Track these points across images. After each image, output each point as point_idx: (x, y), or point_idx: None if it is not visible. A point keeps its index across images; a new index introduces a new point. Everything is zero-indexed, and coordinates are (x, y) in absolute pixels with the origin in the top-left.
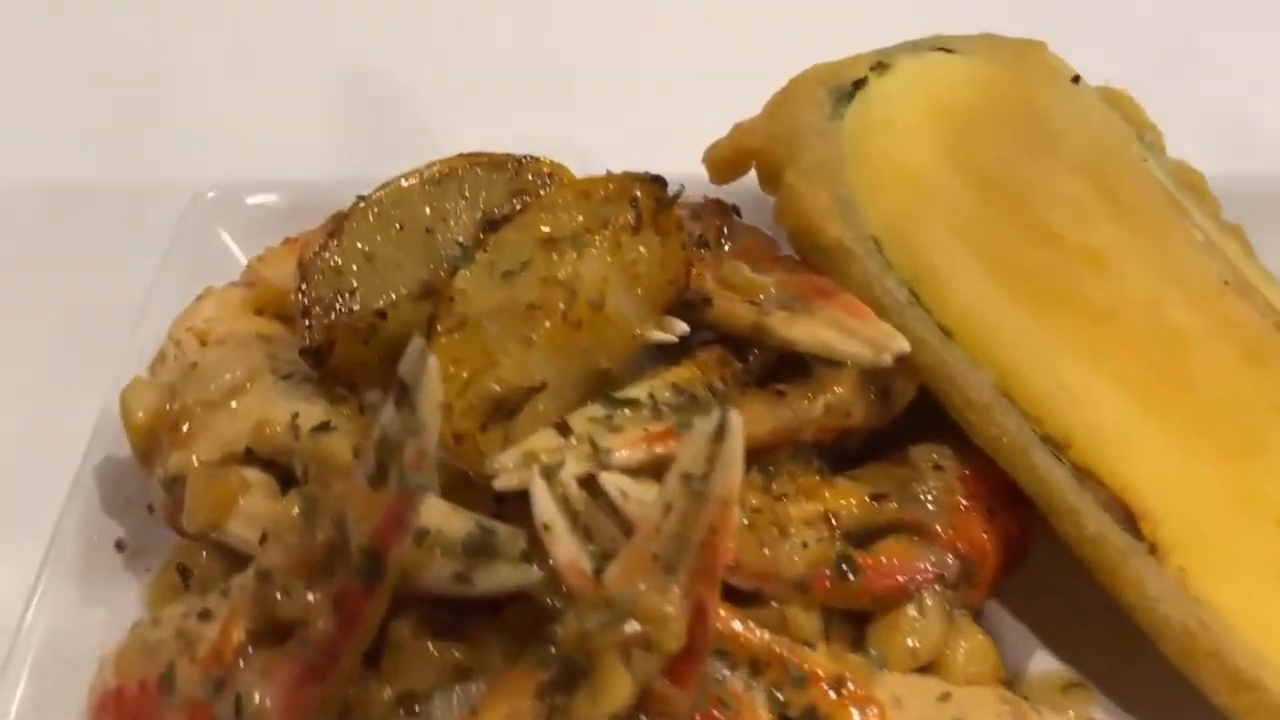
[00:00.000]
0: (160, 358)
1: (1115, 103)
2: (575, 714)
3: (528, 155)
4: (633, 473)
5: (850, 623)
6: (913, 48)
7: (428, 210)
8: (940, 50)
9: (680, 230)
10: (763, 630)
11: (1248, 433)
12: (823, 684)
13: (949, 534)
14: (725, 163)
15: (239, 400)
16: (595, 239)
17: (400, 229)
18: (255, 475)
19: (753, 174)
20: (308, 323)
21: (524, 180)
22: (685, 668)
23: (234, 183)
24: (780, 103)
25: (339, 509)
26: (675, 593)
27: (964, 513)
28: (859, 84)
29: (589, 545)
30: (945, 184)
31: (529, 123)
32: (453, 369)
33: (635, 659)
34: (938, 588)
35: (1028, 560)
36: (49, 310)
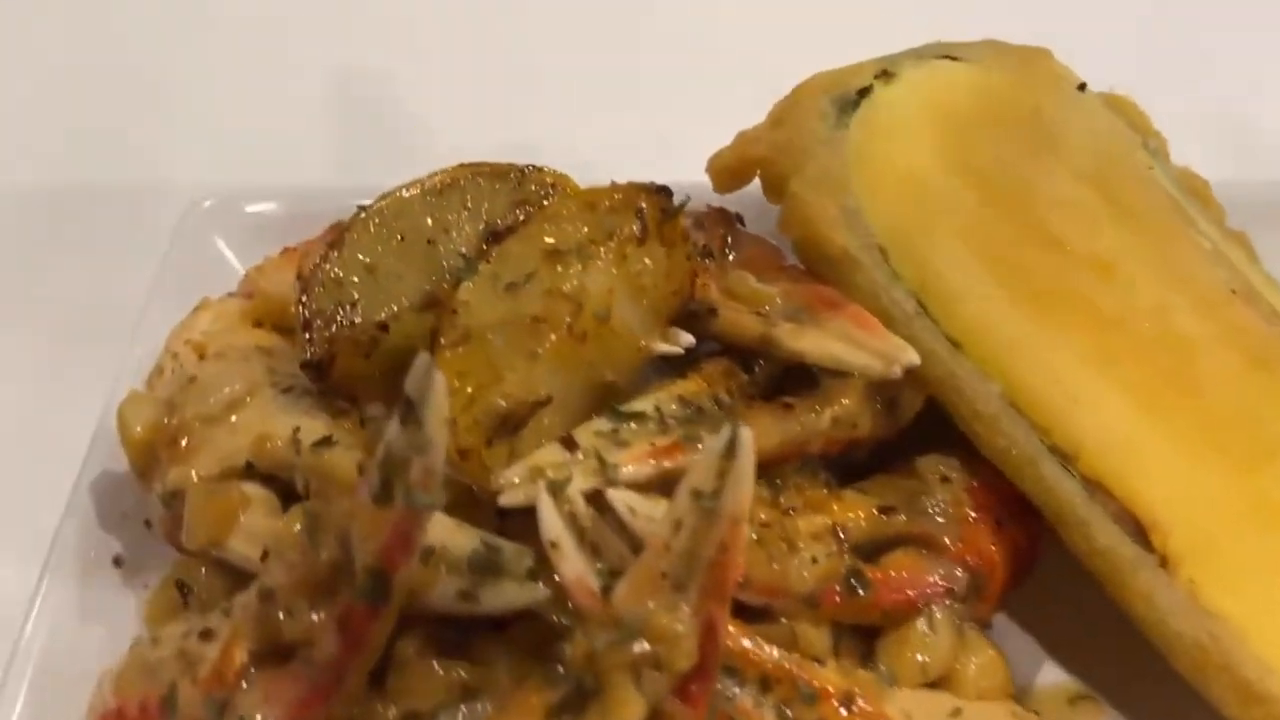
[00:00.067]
0: (157, 370)
1: (1119, 109)
2: None
3: (530, 165)
4: (640, 488)
5: (859, 637)
6: (917, 55)
7: (429, 221)
8: (945, 58)
9: (686, 241)
10: (772, 646)
11: (1256, 441)
12: (833, 700)
13: (958, 546)
14: (729, 171)
15: (239, 414)
16: (601, 250)
17: (402, 240)
18: (256, 491)
19: (754, 182)
20: (308, 336)
21: (527, 190)
22: (696, 687)
23: (230, 191)
24: (784, 111)
25: (343, 527)
26: (685, 611)
27: (972, 525)
28: (864, 92)
29: (596, 563)
30: (951, 193)
31: (529, 130)
32: (457, 383)
33: (645, 679)
34: (947, 601)
35: (1034, 571)
36: (43, 315)
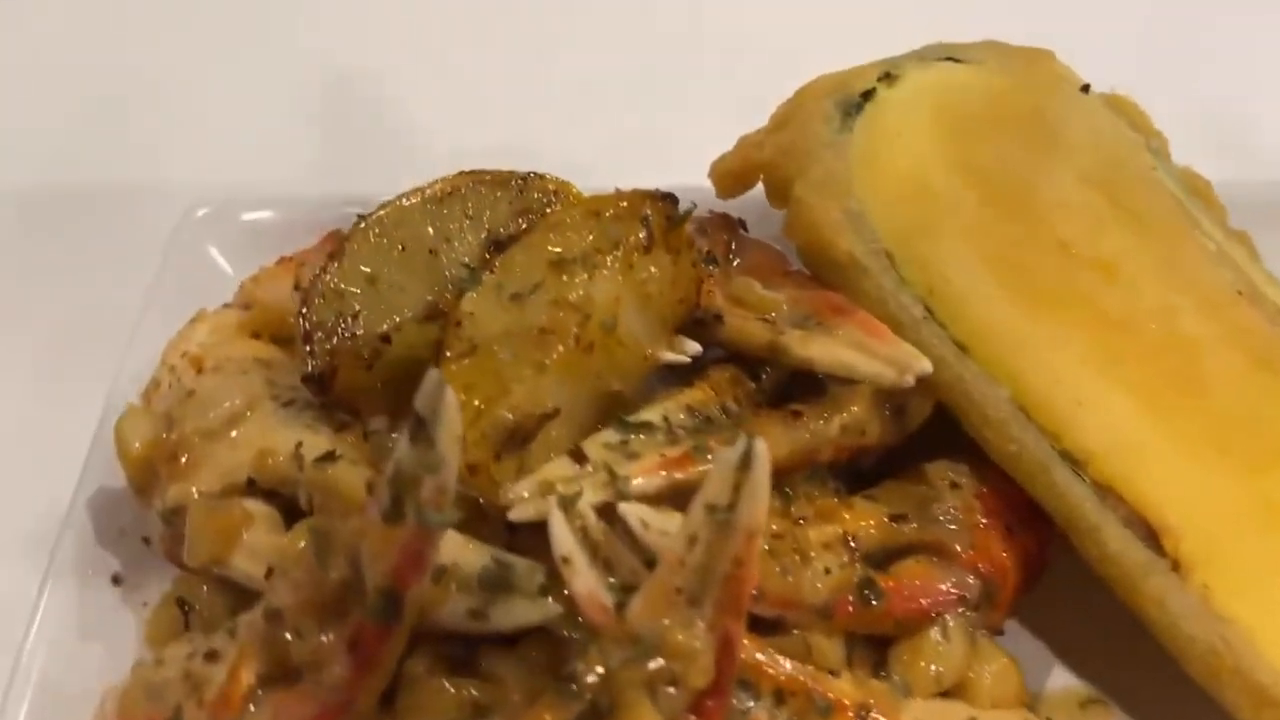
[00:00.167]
0: (154, 384)
1: (1120, 109)
2: None
3: (532, 172)
4: (651, 500)
5: (871, 646)
6: (920, 57)
7: (431, 230)
8: (948, 59)
9: (691, 248)
10: (786, 659)
11: (1263, 443)
12: (848, 713)
13: (969, 554)
14: (732, 176)
15: (239, 429)
16: (607, 259)
17: (403, 250)
18: (258, 507)
19: (756, 187)
20: (309, 348)
21: (529, 198)
22: (712, 703)
23: (225, 199)
24: (787, 115)
25: (353, 546)
26: (701, 627)
27: (983, 531)
28: (867, 95)
29: (609, 578)
30: (957, 196)
31: (526, 135)
32: (464, 396)
33: (661, 696)
34: (960, 610)
35: (1043, 576)
36: (36, 322)
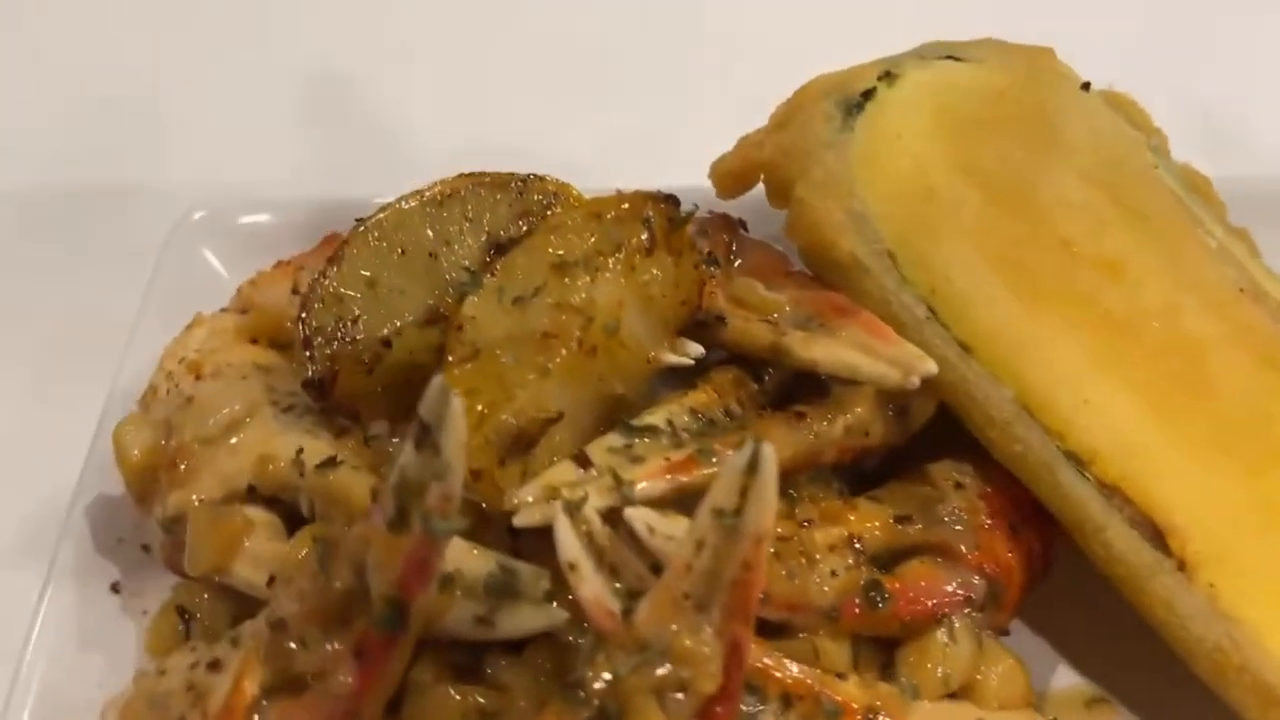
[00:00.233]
0: (151, 390)
1: (1120, 107)
2: None
3: (531, 174)
4: (656, 504)
5: (877, 647)
6: (920, 55)
7: (430, 233)
8: (948, 58)
9: (693, 250)
10: (793, 662)
11: (1269, 442)
12: (856, 716)
13: (974, 554)
14: (732, 176)
15: (239, 435)
16: (609, 262)
17: (403, 253)
18: (259, 514)
19: (754, 187)
20: (309, 353)
21: (529, 200)
22: (721, 709)
23: (222, 202)
24: (787, 114)
25: (357, 555)
26: (709, 632)
27: (988, 532)
28: (868, 94)
29: (614, 583)
30: (958, 196)
31: (523, 135)
32: (467, 401)
33: (669, 702)
34: (966, 611)
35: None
36: (31, 325)
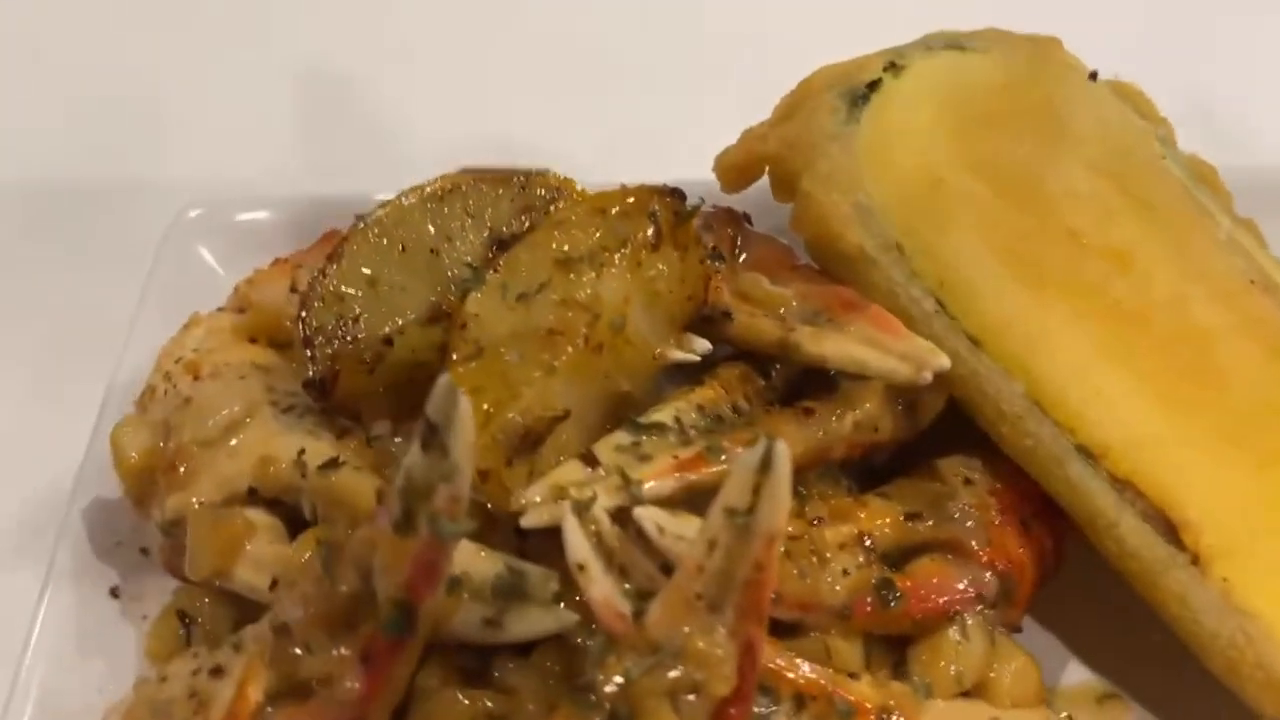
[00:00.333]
0: (149, 391)
1: (1127, 97)
2: None
3: (534, 169)
4: (665, 503)
5: (889, 646)
6: (925, 46)
7: (431, 229)
8: (954, 48)
9: (699, 244)
10: (806, 662)
11: (1277, 435)
12: (870, 716)
13: (986, 551)
14: (737, 169)
15: (238, 437)
16: (614, 257)
17: (403, 250)
18: (261, 517)
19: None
20: (310, 353)
21: (532, 195)
22: (735, 711)
23: (219, 200)
24: (792, 106)
25: (363, 558)
26: (722, 634)
27: (999, 528)
28: (873, 85)
29: (624, 584)
30: (966, 187)
31: (524, 130)
32: (472, 400)
33: (683, 705)
34: (978, 608)
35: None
36: (26, 324)
